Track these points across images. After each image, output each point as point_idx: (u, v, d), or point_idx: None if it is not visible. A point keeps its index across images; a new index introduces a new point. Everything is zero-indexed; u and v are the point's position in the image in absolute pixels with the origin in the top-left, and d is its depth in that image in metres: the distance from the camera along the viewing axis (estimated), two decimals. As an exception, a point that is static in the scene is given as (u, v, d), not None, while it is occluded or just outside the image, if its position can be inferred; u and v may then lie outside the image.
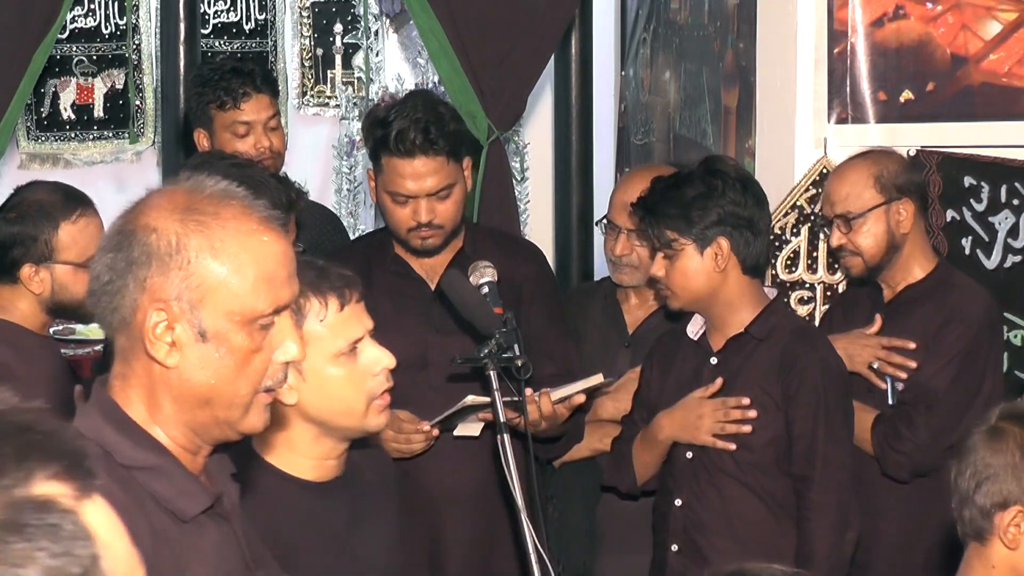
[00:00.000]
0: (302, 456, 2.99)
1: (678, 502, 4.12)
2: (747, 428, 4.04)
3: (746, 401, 4.06)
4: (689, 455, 4.12)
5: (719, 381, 4.10)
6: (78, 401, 2.31)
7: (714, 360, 4.15)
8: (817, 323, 4.89)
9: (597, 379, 4.15)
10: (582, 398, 4.12)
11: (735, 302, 4.10)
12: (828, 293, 5.00)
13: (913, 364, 4.31)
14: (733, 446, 4.05)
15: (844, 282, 4.96)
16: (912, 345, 4.32)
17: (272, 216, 2.27)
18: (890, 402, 4.34)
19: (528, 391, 3.78)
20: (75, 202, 4.01)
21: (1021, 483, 2.87)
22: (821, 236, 4.90)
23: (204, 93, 4.85)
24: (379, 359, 2.99)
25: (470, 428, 4.14)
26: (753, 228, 4.09)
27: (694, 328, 4.20)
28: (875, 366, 4.35)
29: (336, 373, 2.96)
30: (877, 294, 4.47)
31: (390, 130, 4.15)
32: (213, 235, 2.20)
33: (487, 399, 3.91)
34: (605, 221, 4.74)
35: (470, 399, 3.98)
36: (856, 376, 4.36)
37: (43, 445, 1.39)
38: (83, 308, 3.78)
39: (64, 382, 3.85)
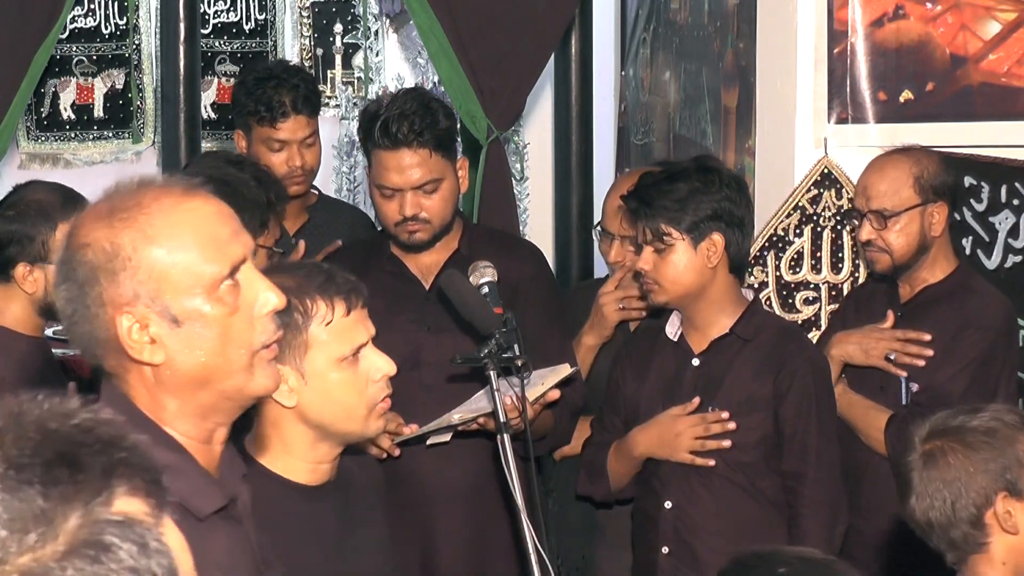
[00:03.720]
0: (298, 459, 2.99)
1: (668, 504, 4.11)
2: (727, 443, 4.03)
3: (726, 415, 4.04)
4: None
5: (696, 400, 4.07)
6: (103, 391, 2.31)
7: (696, 362, 4.13)
8: (825, 322, 4.89)
9: (565, 370, 4.11)
10: (556, 394, 4.10)
11: (721, 301, 4.09)
12: (833, 293, 4.99)
13: (929, 352, 4.30)
14: (712, 462, 4.04)
15: (849, 281, 4.96)
16: (927, 336, 4.31)
17: (193, 183, 2.26)
18: (903, 402, 4.33)
19: (507, 398, 3.76)
20: (74, 203, 4.01)
21: (990, 473, 2.95)
22: (846, 232, 4.89)
23: (246, 103, 4.88)
24: (381, 366, 2.99)
25: (441, 436, 4.13)
26: (743, 228, 4.09)
27: (672, 328, 4.17)
28: (892, 357, 4.34)
29: (338, 378, 2.96)
30: (894, 292, 4.46)
31: (377, 122, 4.16)
32: (141, 224, 2.18)
33: (473, 415, 3.92)
34: (599, 228, 4.74)
35: (457, 417, 3.97)
36: (868, 374, 4.36)
37: (128, 461, 1.37)
38: None
39: (55, 384, 3.84)
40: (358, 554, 3.05)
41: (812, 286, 5.04)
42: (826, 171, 5.01)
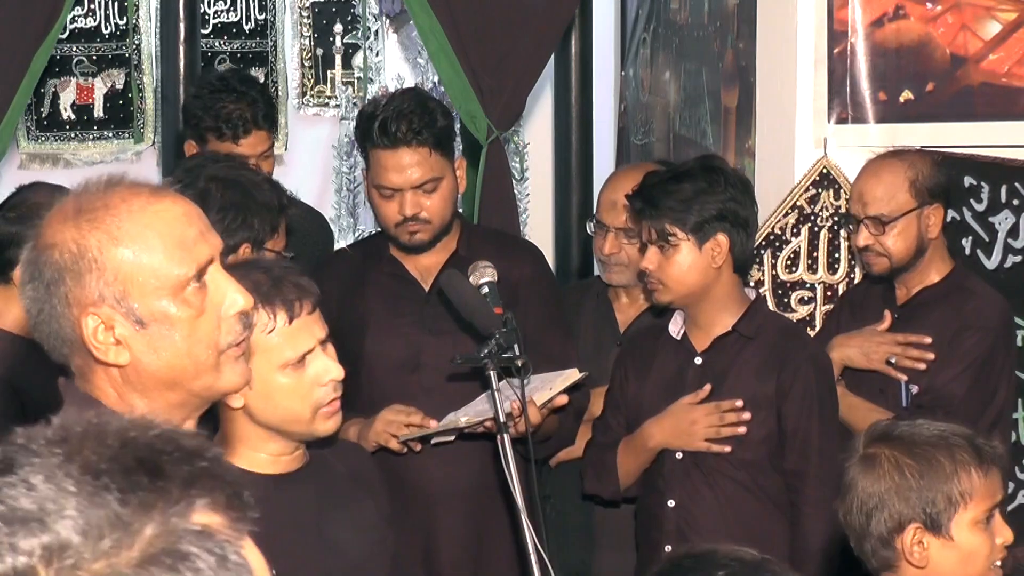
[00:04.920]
0: (257, 452, 3.01)
1: (671, 503, 4.11)
2: (742, 429, 4.04)
3: (740, 403, 4.04)
4: (679, 455, 4.11)
5: (707, 387, 4.08)
6: (64, 392, 2.31)
7: (699, 360, 4.12)
8: (820, 322, 4.89)
9: (574, 375, 4.11)
10: (564, 399, 4.10)
11: (724, 300, 4.09)
12: (828, 293, 4.99)
13: (931, 356, 4.30)
14: (728, 448, 4.05)
15: (845, 281, 4.96)
16: (928, 340, 4.31)
17: (162, 184, 2.26)
18: (904, 404, 4.33)
19: (515, 404, 3.76)
20: None
21: (910, 502, 2.85)
22: (843, 233, 4.89)
23: (203, 119, 4.81)
24: (328, 370, 3.00)
25: (445, 435, 4.13)
26: (748, 229, 4.09)
27: (676, 327, 4.17)
28: (893, 361, 4.34)
29: (283, 383, 2.97)
30: (890, 294, 4.45)
31: (375, 122, 4.15)
32: (108, 225, 2.18)
33: (479, 418, 3.93)
34: (594, 221, 4.74)
35: (464, 421, 3.97)
36: (868, 376, 4.36)
37: (210, 472, 1.33)
38: None
39: (54, 387, 3.83)
40: (338, 536, 3.06)
41: (808, 286, 5.04)
42: (825, 171, 5.01)
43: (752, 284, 4.92)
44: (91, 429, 1.33)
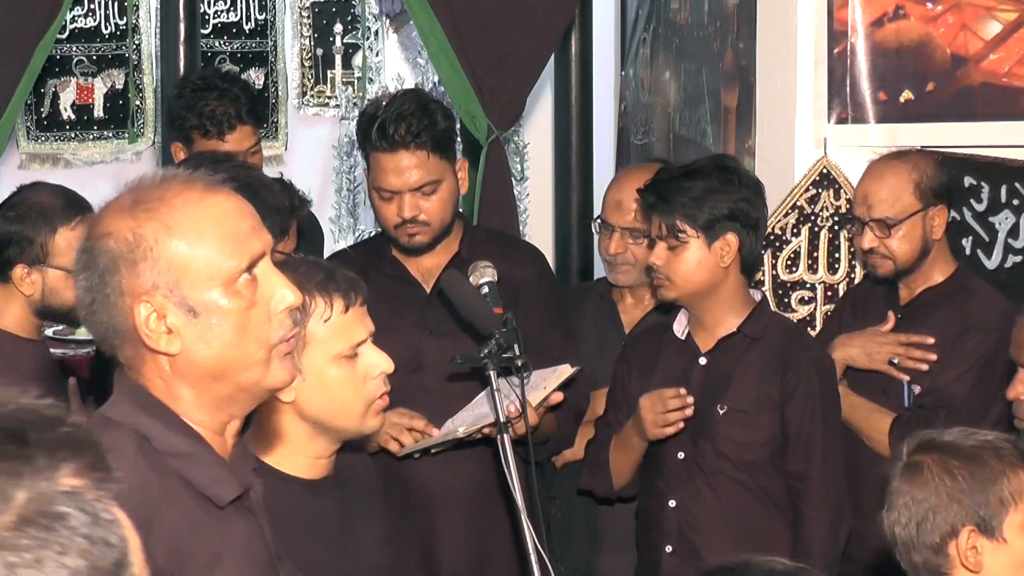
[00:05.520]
0: (296, 454, 3.01)
1: (672, 503, 4.10)
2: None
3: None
4: (681, 455, 4.10)
5: (683, 390, 4.04)
6: (73, 396, 2.33)
7: (703, 360, 4.12)
8: (820, 322, 4.89)
9: (567, 371, 4.10)
10: (559, 397, 4.10)
11: (730, 300, 4.08)
12: (829, 293, 4.99)
13: (933, 356, 4.30)
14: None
15: (845, 281, 4.95)
16: (930, 340, 4.30)
17: (214, 180, 2.29)
18: (905, 404, 4.33)
19: (511, 405, 3.76)
20: (75, 208, 4.00)
21: (963, 504, 2.82)
22: (844, 233, 4.89)
23: (187, 118, 4.83)
24: (379, 363, 3.01)
25: (444, 444, 4.13)
26: (758, 230, 4.08)
27: (680, 326, 4.17)
28: (895, 361, 4.34)
29: (336, 374, 2.97)
30: (893, 294, 4.45)
31: (375, 124, 4.16)
32: (164, 216, 2.22)
33: (478, 425, 3.93)
34: (599, 221, 4.74)
35: (462, 431, 3.97)
36: (870, 377, 4.36)
37: (73, 437, 1.40)
38: (72, 313, 3.76)
39: (52, 385, 3.83)
40: (358, 550, 3.06)
41: (808, 286, 5.04)
42: (825, 171, 5.01)
43: (752, 284, 4.93)
44: None
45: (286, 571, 2.42)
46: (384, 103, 4.24)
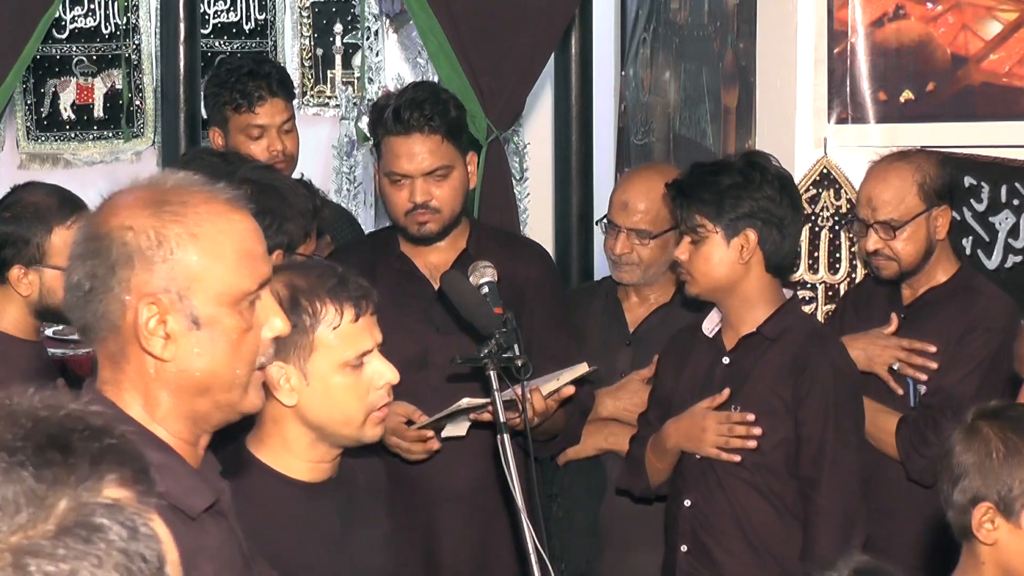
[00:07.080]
0: (297, 457, 3.00)
1: (687, 502, 4.09)
2: (752, 444, 4.01)
3: (751, 417, 4.01)
4: (699, 456, 4.09)
5: (726, 392, 4.05)
6: (86, 392, 2.31)
7: (726, 360, 4.10)
8: (821, 322, 4.87)
9: (582, 368, 4.11)
10: (571, 390, 4.10)
11: (753, 298, 4.06)
12: (829, 293, 4.99)
13: (934, 365, 4.28)
14: (737, 458, 4.01)
15: (846, 281, 4.95)
16: (932, 348, 4.29)
17: (236, 196, 2.30)
18: (911, 404, 4.32)
19: (516, 388, 3.77)
20: (70, 207, 3.99)
21: (987, 480, 2.91)
22: (844, 233, 4.88)
23: (220, 94, 4.92)
24: (383, 373, 3.00)
25: (457, 429, 4.13)
26: (783, 227, 4.05)
27: (710, 325, 4.16)
28: (895, 367, 4.33)
29: (340, 382, 2.97)
30: (896, 294, 4.43)
31: (388, 110, 4.19)
32: (190, 223, 2.22)
33: (482, 400, 3.92)
34: (605, 221, 4.74)
35: (466, 402, 3.96)
36: (876, 376, 4.34)
37: (117, 449, 1.40)
38: None
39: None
40: (360, 552, 3.06)
41: (809, 286, 5.04)
42: (825, 171, 5.00)
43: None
44: (3, 410, 1.39)
45: (259, 571, 2.42)
46: (397, 93, 4.29)
